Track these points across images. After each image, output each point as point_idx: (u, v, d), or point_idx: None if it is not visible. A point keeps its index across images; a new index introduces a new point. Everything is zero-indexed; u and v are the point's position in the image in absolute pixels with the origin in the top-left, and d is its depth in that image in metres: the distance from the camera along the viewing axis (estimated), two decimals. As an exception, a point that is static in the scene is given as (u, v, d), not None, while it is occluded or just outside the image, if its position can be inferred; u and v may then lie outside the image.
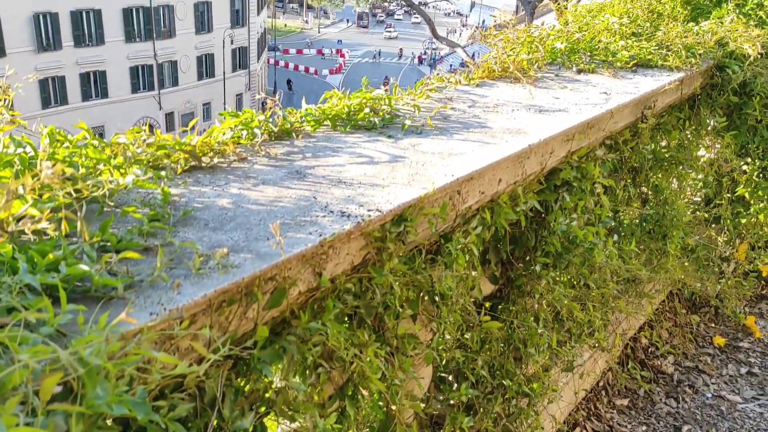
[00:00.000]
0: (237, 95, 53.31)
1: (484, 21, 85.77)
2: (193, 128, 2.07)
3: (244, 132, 2.09)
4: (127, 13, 41.32)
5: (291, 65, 75.93)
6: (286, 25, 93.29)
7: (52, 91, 38.49)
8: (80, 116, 39.94)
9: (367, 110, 2.40)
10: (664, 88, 3.21)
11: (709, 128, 4.06)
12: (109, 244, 1.36)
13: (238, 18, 51.41)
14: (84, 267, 1.18)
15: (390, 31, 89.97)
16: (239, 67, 53.12)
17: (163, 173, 1.62)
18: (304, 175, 1.91)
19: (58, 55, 37.76)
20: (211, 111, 50.31)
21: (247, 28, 52.43)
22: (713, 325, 4.52)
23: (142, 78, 44.46)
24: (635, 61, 3.47)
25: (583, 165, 2.78)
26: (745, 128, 4.00)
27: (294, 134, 2.22)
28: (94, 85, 41.44)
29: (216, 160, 1.93)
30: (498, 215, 2.36)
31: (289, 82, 59.63)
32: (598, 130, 2.83)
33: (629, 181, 3.56)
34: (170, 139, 1.86)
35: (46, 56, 36.91)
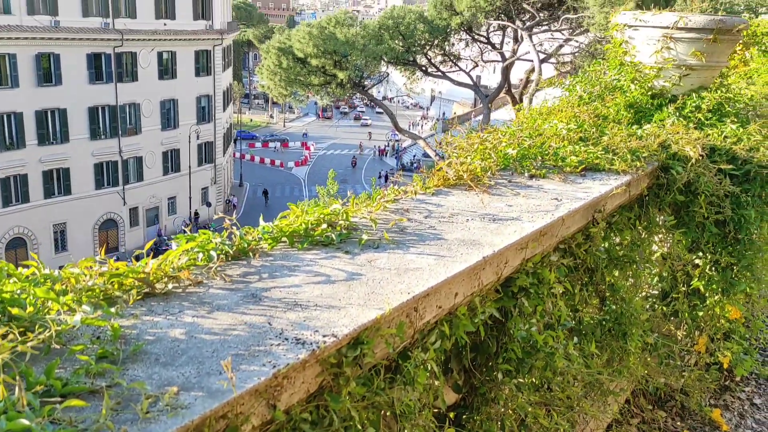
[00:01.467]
0: (203, 189, 53.55)
1: (444, 113, 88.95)
2: (149, 251, 2.07)
3: (201, 254, 2.09)
4: (92, 111, 41.77)
5: (257, 158, 76.99)
6: (251, 120, 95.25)
7: (13, 189, 38.15)
8: (42, 214, 39.49)
9: (324, 226, 2.44)
10: (612, 192, 3.34)
11: (660, 225, 4.20)
12: (54, 388, 1.33)
13: (204, 114, 52.34)
14: (24, 421, 1.15)
15: (365, 120, 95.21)
16: (205, 162, 53.61)
17: (113, 309, 1.60)
18: (259, 299, 1.90)
19: (21, 154, 37.72)
20: (176, 204, 50.28)
21: (213, 123, 53.34)
22: (680, 421, 4.51)
23: (106, 174, 44.47)
24: (584, 166, 3.62)
25: (538, 271, 2.84)
26: (693, 225, 4.15)
27: (251, 254, 2.23)
28: (57, 182, 41.23)
29: (170, 285, 1.92)
30: (457, 328, 2.37)
31: (265, 193, 58.05)
32: (551, 237, 2.91)
33: (586, 280, 3.63)
34: (124, 267, 1.85)
35: (8, 155, 36.81)
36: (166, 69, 47.19)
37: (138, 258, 2.00)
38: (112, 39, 41.39)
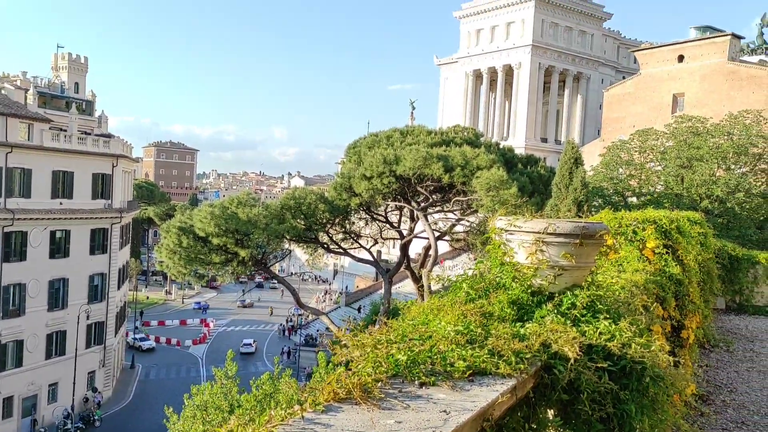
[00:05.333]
0: (89, 373, 49.88)
1: (347, 286, 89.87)
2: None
3: None
4: (-29, 294, 39.12)
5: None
6: (148, 297, 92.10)
7: None
8: None
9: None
10: (499, 400, 3.42)
11: (549, 421, 4.28)
12: None
13: (96, 293, 50.12)
14: None
15: (275, 286, 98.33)
16: (94, 343, 50.48)
17: None
18: None
19: None
20: (58, 392, 46.21)
21: (106, 302, 51.01)
22: None
23: (-21, 361, 40.73)
24: (471, 371, 3.72)
25: (430, 494, 2.78)
26: (580, 422, 4.26)
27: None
28: None
29: None
30: None
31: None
32: (441, 456, 2.90)
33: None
34: None
35: None
36: (59, 247, 45.69)
37: None
38: (1, 219, 40.04)
